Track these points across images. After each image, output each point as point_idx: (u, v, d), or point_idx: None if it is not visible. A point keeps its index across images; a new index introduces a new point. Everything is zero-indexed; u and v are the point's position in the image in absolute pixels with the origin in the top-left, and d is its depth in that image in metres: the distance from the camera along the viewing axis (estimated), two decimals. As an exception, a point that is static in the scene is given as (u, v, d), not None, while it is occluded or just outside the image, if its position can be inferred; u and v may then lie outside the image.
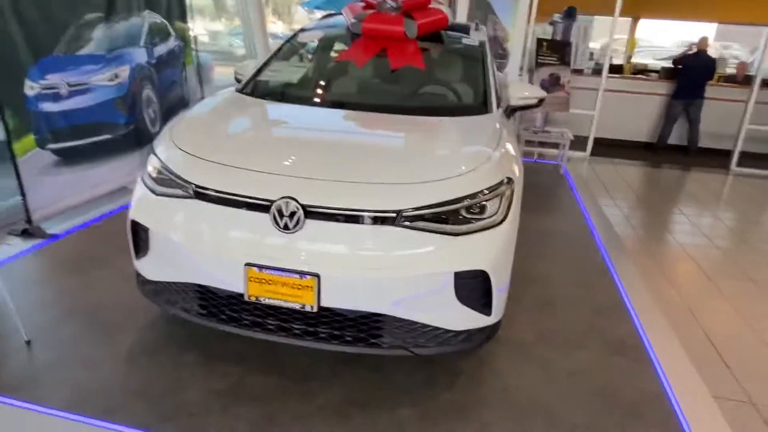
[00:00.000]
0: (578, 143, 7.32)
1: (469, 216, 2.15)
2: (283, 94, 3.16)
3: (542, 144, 6.99)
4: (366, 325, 2.17)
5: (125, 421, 2.06)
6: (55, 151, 3.92)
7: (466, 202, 2.13)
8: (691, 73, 7.67)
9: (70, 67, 4.06)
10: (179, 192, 2.24)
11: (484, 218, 2.17)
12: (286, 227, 2.06)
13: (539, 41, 6.80)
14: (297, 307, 2.12)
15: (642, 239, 4.48)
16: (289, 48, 3.51)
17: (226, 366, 2.42)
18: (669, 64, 8.44)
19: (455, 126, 2.71)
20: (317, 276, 2.05)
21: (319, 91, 3.32)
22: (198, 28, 10.00)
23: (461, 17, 6.80)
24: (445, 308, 2.15)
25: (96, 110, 4.28)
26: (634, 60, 10.26)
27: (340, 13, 3.65)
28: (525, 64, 7.17)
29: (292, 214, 2.05)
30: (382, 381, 2.40)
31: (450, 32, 3.57)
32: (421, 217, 2.08)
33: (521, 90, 3.19)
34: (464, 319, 2.21)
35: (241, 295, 2.15)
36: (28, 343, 2.48)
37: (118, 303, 2.85)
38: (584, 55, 7.56)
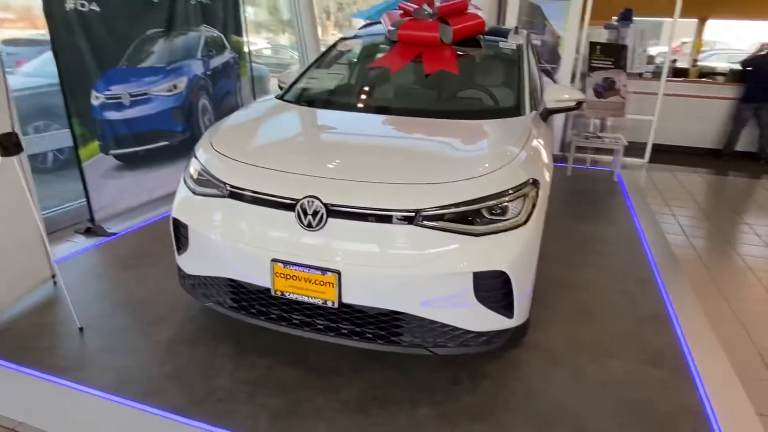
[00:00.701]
0: (637, 150, 7.04)
1: (490, 216, 2.15)
2: (318, 100, 3.27)
3: (596, 150, 6.78)
4: (386, 323, 2.21)
5: (159, 404, 2.20)
6: (117, 157, 4.24)
7: (486, 203, 2.13)
8: (762, 75, 7.19)
9: (133, 79, 4.38)
10: (215, 192, 2.38)
11: (506, 219, 2.17)
12: (309, 225, 2.15)
13: (592, 45, 6.61)
14: (319, 302, 2.19)
15: (697, 249, 4.24)
16: (329, 56, 3.63)
17: (256, 358, 2.53)
18: (738, 66, 7.96)
19: (483, 128, 2.72)
20: (338, 273, 2.11)
21: (353, 96, 3.41)
22: (261, 41, 10.43)
23: (510, 23, 6.75)
24: (465, 308, 2.16)
25: (155, 119, 4.59)
26: (701, 63, 9.75)
27: (380, 22, 3.74)
28: (579, 68, 7.00)
29: (315, 213, 2.13)
30: (404, 379, 2.42)
31: (488, 36, 3.56)
32: (440, 217, 2.10)
33: (558, 92, 3.14)
34: (484, 320, 2.20)
35: (268, 290, 2.25)
36: (81, 330, 2.70)
37: (164, 297, 3.04)
38: (642, 58, 7.27)
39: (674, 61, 8.48)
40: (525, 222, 2.19)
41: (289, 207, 2.17)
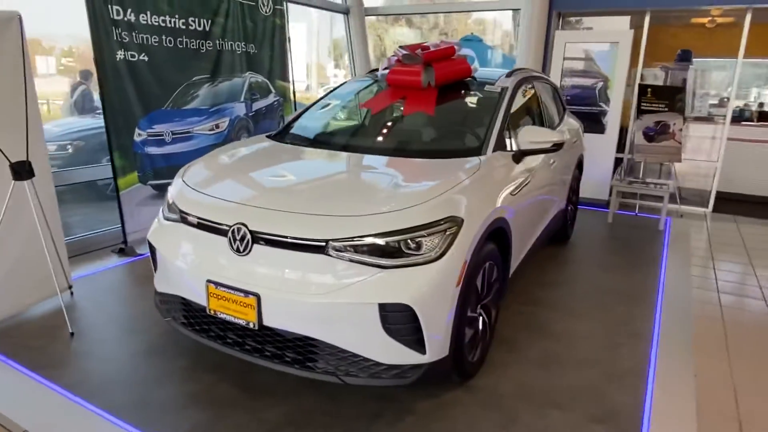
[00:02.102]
0: (699, 198, 6.54)
1: (401, 250, 2.20)
2: (298, 137, 3.46)
3: (647, 197, 6.38)
4: (302, 348, 2.31)
5: (97, 402, 2.45)
6: (155, 186, 4.76)
7: (395, 236, 2.19)
8: None
9: (176, 119, 4.94)
10: (175, 217, 2.66)
11: (418, 254, 2.21)
12: (238, 250, 2.33)
13: (641, 87, 6.34)
14: (243, 323, 2.34)
15: (724, 307, 3.83)
16: (329, 99, 3.89)
17: (206, 373, 2.72)
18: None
19: (427, 167, 2.77)
20: (258, 296, 2.26)
21: (327, 135, 3.58)
22: (314, 83, 10.99)
23: (556, 66, 6.69)
24: (373, 340, 2.20)
25: (195, 154, 5.07)
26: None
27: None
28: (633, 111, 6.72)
29: (243, 239, 2.32)
30: (331, 407, 2.48)
31: (478, 80, 3.63)
32: (350, 248, 2.19)
33: (533, 134, 3.11)
34: (394, 353, 2.22)
35: (205, 309, 2.45)
36: (72, 335, 3.06)
37: (154, 311, 3.35)
38: (704, 101, 6.80)
39: (746, 104, 7.80)
40: (437, 258, 2.22)
41: (224, 232, 2.38)
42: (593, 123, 6.73)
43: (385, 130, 3.60)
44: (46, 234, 3.15)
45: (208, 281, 2.38)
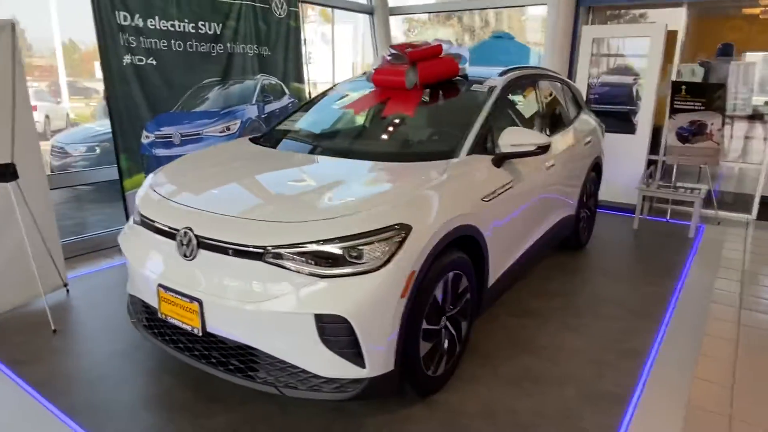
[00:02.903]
0: (744, 204, 6.05)
1: (345, 258, 2.11)
2: (274, 140, 3.39)
3: (678, 202, 5.95)
4: (244, 357, 2.26)
5: (58, 403, 2.49)
6: (162, 188, 4.86)
7: (336, 244, 2.10)
8: None
9: (185, 121, 5.03)
10: (138, 220, 2.68)
11: (358, 263, 2.11)
12: (185, 255, 2.31)
13: (675, 85, 5.91)
14: (188, 329, 2.32)
15: (743, 326, 3.47)
16: (318, 100, 3.83)
17: (169, 376, 2.72)
18: None
19: (389, 171, 2.65)
20: (200, 302, 2.23)
21: (301, 137, 3.47)
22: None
23: (583, 62, 6.36)
24: (311, 351, 2.13)
25: (204, 156, 5.18)
26: None
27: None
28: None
29: (189, 243, 2.29)
30: (279, 418, 2.41)
31: (469, 79, 3.46)
32: (288, 256, 2.12)
33: (514, 136, 2.91)
34: (333, 366, 2.14)
35: (154, 310, 2.45)
36: (54, 331, 3.15)
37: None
38: (747, 99, 6.26)
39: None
40: (378, 268, 2.10)
41: (173, 236, 2.36)
42: (623, 123, 6.36)
43: (359, 133, 3.51)
44: (34, 235, 3.26)
45: (159, 285, 2.38)
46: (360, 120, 3.56)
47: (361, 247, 2.11)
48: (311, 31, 11.87)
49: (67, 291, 3.70)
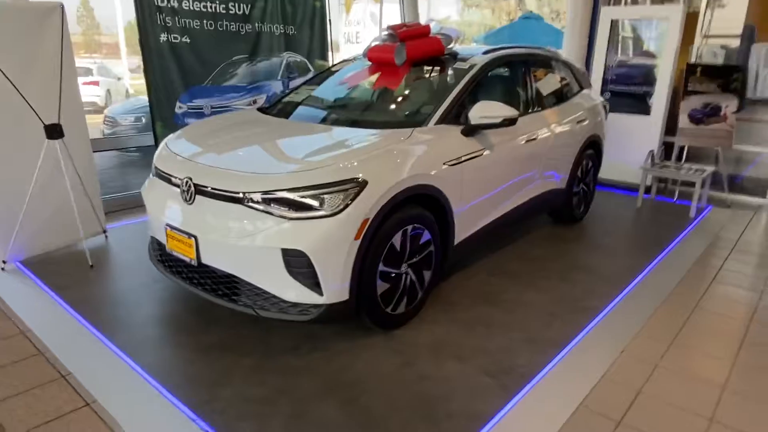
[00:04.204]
0: (762, 187, 6.07)
1: (309, 204, 2.54)
2: (275, 109, 3.86)
3: (687, 183, 6.02)
4: (229, 284, 2.75)
5: (89, 318, 3.08)
6: (193, 153, 5.45)
7: (301, 192, 2.54)
8: None
9: (216, 95, 5.59)
10: (154, 173, 3.21)
11: (320, 209, 2.54)
12: (186, 199, 2.82)
13: (689, 67, 5.94)
14: (187, 260, 2.83)
15: (706, 300, 3.66)
16: (323, 75, 4.25)
17: (176, 303, 3.28)
18: None
19: (360, 135, 3.03)
20: (195, 237, 2.74)
21: (296, 107, 3.87)
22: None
23: (601, 43, 6.46)
24: (280, 280, 2.59)
25: (231, 126, 5.73)
26: None
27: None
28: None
29: (189, 189, 2.79)
30: (260, 338, 2.91)
31: (458, 57, 3.78)
32: (263, 200, 2.58)
33: (483, 109, 3.23)
34: (297, 292, 2.59)
35: (164, 246, 2.98)
36: (91, 266, 3.78)
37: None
38: (766, 82, 6.16)
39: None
40: (335, 214, 2.53)
41: (178, 185, 2.87)
42: (639, 103, 6.43)
43: (346, 104, 3.91)
44: (78, 187, 3.87)
45: (166, 225, 2.90)
46: (351, 93, 3.96)
47: (322, 196, 2.54)
48: (359, 10, 12.25)
49: (106, 237, 4.33)
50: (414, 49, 3.63)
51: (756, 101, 6.17)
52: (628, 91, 6.50)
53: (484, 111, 3.24)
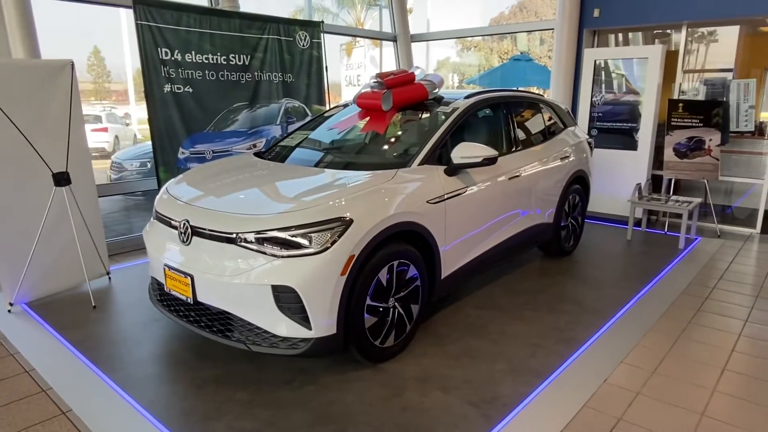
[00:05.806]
0: (750, 218, 6.22)
1: (297, 243, 2.70)
2: (269, 153, 4.08)
3: (675, 215, 6.15)
4: (224, 321, 2.89)
5: (88, 355, 3.21)
6: (194, 196, 5.66)
7: (289, 232, 2.71)
8: None
9: (217, 140, 5.85)
10: (154, 216, 3.40)
11: (308, 247, 2.70)
12: (183, 240, 2.99)
13: (671, 102, 6.18)
14: (184, 299, 2.98)
15: (691, 329, 3.74)
16: (317, 121, 4.49)
17: (175, 341, 3.40)
18: None
19: (345, 177, 3.20)
20: (192, 276, 2.89)
21: (289, 151, 4.10)
22: None
23: (586, 82, 6.73)
24: (270, 315, 2.73)
25: (232, 169, 5.96)
26: None
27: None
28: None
29: (186, 231, 2.97)
30: (254, 373, 3.02)
31: (439, 102, 4.02)
32: (253, 240, 2.74)
33: (465, 150, 3.42)
34: (287, 327, 2.73)
35: (164, 286, 3.13)
36: (94, 307, 3.92)
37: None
38: (749, 115, 6.36)
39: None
40: (322, 251, 2.69)
41: (176, 227, 3.05)
42: (626, 139, 6.64)
43: (336, 147, 4.12)
44: (83, 232, 4.06)
45: (165, 265, 3.06)
46: (341, 137, 4.18)
47: (310, 234, 2.71)
48: (360, 54, 12.73)
49: (109, 278, 4.50)
50: (400, 96, 3.86)
51: (736, 134, 6.36)
52: (615, 127, 6.73)
53: (464, 151, 3.44)
